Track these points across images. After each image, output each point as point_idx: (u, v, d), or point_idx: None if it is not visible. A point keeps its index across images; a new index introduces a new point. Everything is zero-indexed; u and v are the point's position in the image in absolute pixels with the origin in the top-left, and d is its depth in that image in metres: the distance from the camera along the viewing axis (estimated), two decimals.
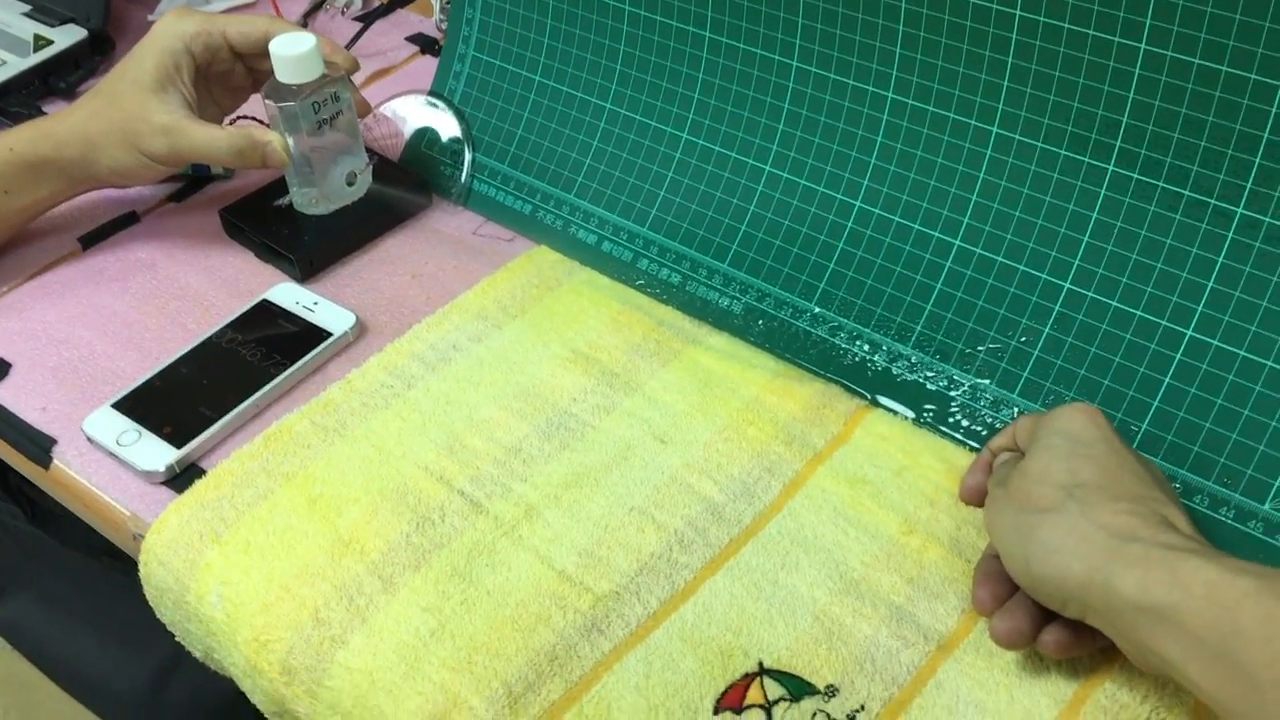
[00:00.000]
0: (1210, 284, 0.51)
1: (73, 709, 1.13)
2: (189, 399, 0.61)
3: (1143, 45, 0.50)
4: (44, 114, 0.83)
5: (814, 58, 0.61)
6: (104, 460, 0.60)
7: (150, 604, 0.58)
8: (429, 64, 0.87)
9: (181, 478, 0.58)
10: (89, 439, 0.60)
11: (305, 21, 0.92)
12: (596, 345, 0.63)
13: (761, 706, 0.47)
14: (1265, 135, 0.48)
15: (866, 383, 0.59)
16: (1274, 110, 0.48)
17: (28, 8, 0.90)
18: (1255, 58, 0.47)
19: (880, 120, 0.60)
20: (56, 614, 1.11)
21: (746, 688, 0.48)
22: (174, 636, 0.82)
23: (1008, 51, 0.54)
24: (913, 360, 0.58)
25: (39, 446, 0.61)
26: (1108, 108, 0.52)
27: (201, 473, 0.58)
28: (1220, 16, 0.47)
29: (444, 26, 0.89)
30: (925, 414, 0.57)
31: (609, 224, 0.68)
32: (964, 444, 0.56)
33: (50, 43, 0.87)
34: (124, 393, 0.62)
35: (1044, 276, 0.55)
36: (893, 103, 0.59)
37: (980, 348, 0.57)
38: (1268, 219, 0.50)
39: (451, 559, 0.53)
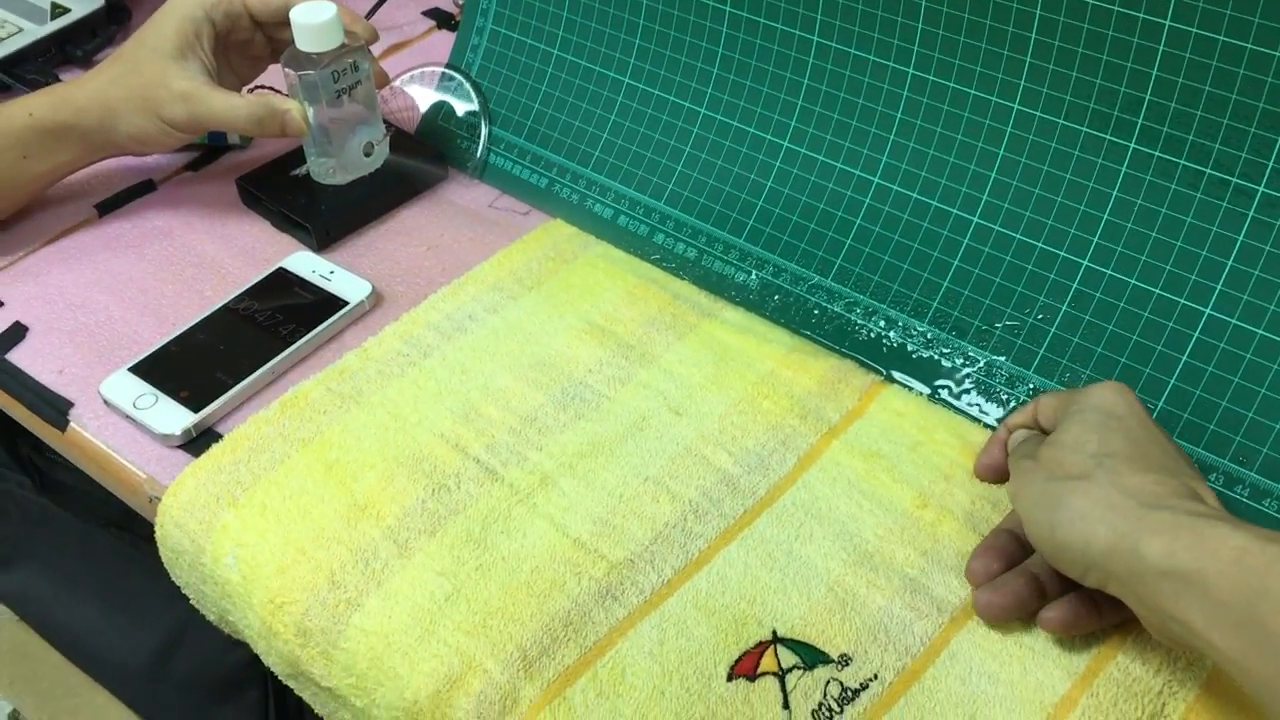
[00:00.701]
0: (1230, 262, 0.51)
1: (78, 679, 1.14)
2: (206, 364, 0.61)
3: (1167, 21, 0.50)
4: (61, 81, 0.83)
5: (834, 33, 0.61)
6: (120, 423, 0.60)
7: (165, 566, 0.59)
8: (445, 39, 0.87)
9: (198, 441, 0.59)
10: (106, 402, 0.60)
11: None
12: (612, 318, 0.63)
13: (775, 674, 0.47)
14: None
15: (882, 358, 0.59)
16: None
17: None
18: (1277, 36, 0.47)
19: (900, 96, 0.60)
20: (63, 584, 1.11)
21: (760, 655, 0.48)
22: (180, 607, 0.82)
23: (1031, 27, 0.54)
24: (928, 336, 0.58)
25: (56, 409, 0.61)
26: (1131, 85, 0.52)
27: (218, 437, 0.58)
28: None
29: (460, 2, 0.89)
30: (940, 390, 0.57)
31: (625, 198, 0.68)
32: (978, 420, 0.56)
33: (67, 11, 0.87)
34: (141, 357, 0.62)
35: (1062, 254, 0.55)
36: (913, 78, 0.59)
37: (997, 325, 0.57)
38: None
39: (467, 525, 0.53)
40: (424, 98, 0.78)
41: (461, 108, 0.76)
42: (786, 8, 0.62)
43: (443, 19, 0.89)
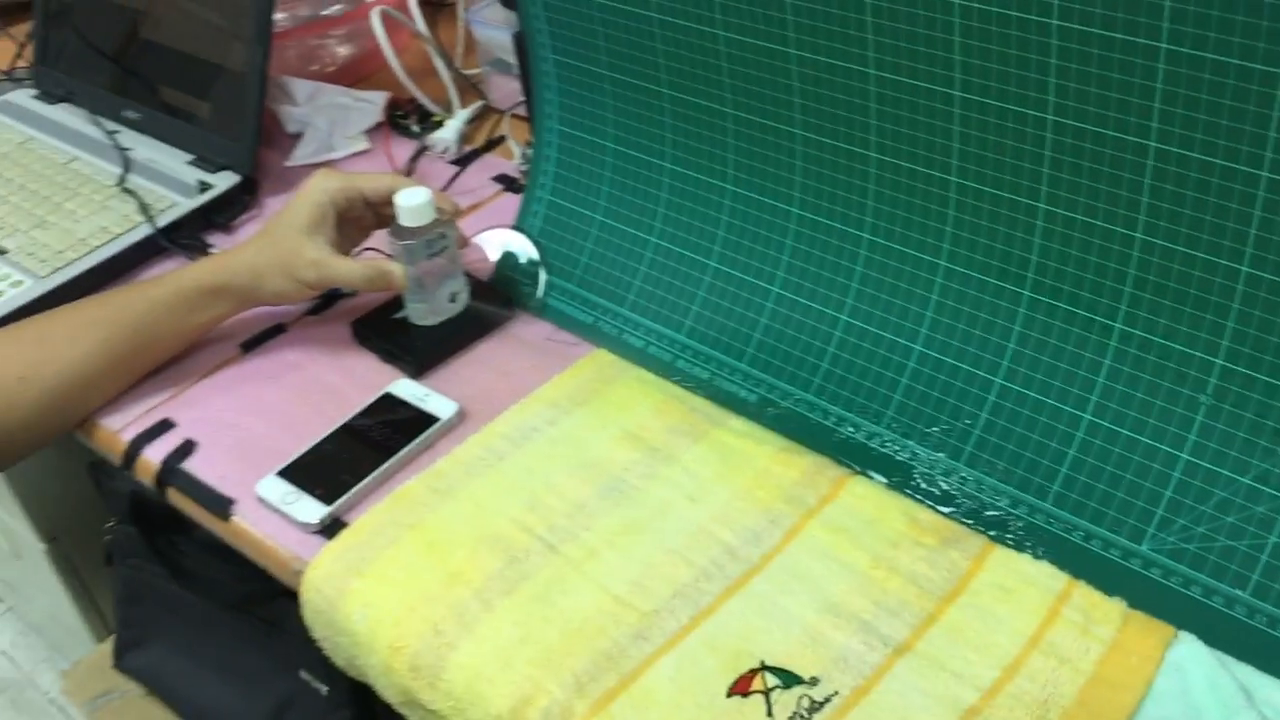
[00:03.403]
0: (1100, 380, 0.68)
1: None
2: (334, 469, 0.80)
3: (1041, 205, 0.68)
4: (207, 244, 1.04)
5: (809, 206, 0.79)
6: (271, 515, 0.78)
7: (307, 623, 0.76)
8: (510, 199, 1.07)
9: (330, 528, 0.77)
10: (260, 499, 0.79)
11: (412, 165, 1.13)
12: (643, 427, 0.81)
13: (762, 692, 0.64)
14: (1131, 271, 0.66)
15: (850, 456, 0.76)
16: (1135, 254, 0.65)
17: (192, 157, 1.12)
18: (1117, 216, 0.65)
19: (859, 254, 0.78)
20: (188, 661, 1.26)
21: (752, 679, 0.65)
22: (289, 679, 1.01)
23: (949, 205, 0.72)
24: (885, 438, 0.76)
25: (221, 505, 0.80)
26: (1022, 249, 0.70)
27: (345, 525, 0.77)
28: (1091, 188, 0.65)
29: (523, 169, 1.09)
30: (894, 479, 0.74)
31: (654, 332, 0.87)
32: (922, 502, 0.73)
33: (211, 186, 1.08)
34: (286, 464, 0.81)
35: (981, 374, 0.73)
36: (868, 241, 0.77)
37: (935, 429, 0.74)
38: (1138, 331, 0.67)
39: (533, 587, 0.71)
40: (495, 252, 0.97)
41: (525, 259, 0.95)
42: (772, 186, 0.81)
43: (509, 183, 1.09)
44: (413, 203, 0.85)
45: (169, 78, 1.15)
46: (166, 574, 1.23)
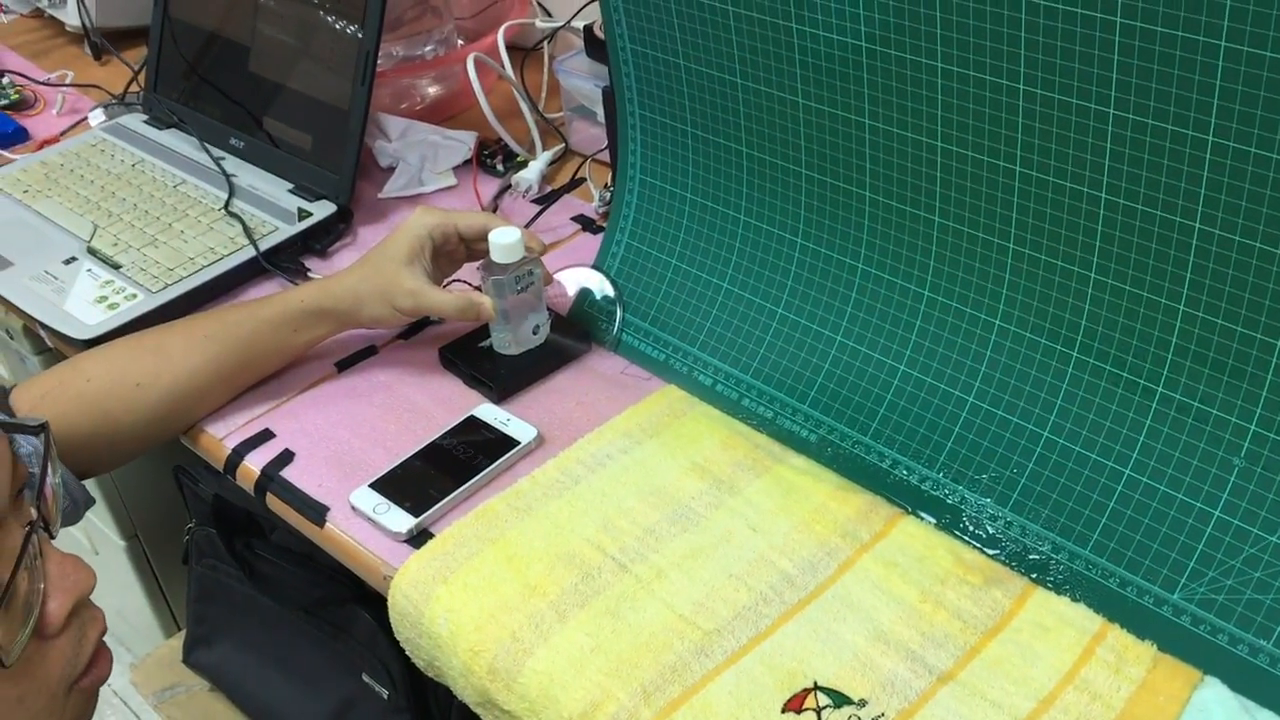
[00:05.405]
0: (1141, 438, 0.74)
1: None
2: (422, 483, 0.86)
3: (1092, 274, 0.73)
4: (305, 267, 1.12)
5: (874, 263, 0.85)
6: (363, 524, 0.85)
7: (392, 625, 0.82)
8: (588, 239, 1.13)
9: (418, 539, 0.83)
10: (353, 508, 0.86)
11: (496, 203, 1.20)
12: (710, 460, 0.87)
13: (814, 710, 0.70)
14: (1173, 340, 0.71)
15: (903, 496, 0.82)
16: (1177, 324, 0.71)
17: (292, 186, 1.20)
18: (1162, 289, 0.70)
19: (919, 310, 0.84)
20: (255, 660, 1.32)
21: (804, 698, 0.70)
22: (351, 680, 1.07)
23: (1005, 270, 0.78)
24: (937, 481, 0.81)
25: (317, 512, 0.87)
26: (1072, 313, 0.75)
27: (431, 535, 0.83)
28: (1139, 261, 0.71)
29: (601, 211, 1.16)
30: (943, 520, 0.80)
31: (722, 371, 0.93)
32: (969, 543, 0.79)
33: (310, 214, 1.15)
34: (377, 476, 0.87)
35: (1029, 427, 0.78)
36: (927, 299, 0.83)
37: (983, 475, 0.80)
38: (1178, 395, 0.72)
39: (605, 603, 0.77)
40: (574, 289, 1.04)
41: (602, 297, 1.02)
42: (840, 242, 0.87)
43: (587, 224, 1.16)
44: (506, 241, 0.92)
45: (274, 110, 1.23)
46: (240, 575, 1.29)
